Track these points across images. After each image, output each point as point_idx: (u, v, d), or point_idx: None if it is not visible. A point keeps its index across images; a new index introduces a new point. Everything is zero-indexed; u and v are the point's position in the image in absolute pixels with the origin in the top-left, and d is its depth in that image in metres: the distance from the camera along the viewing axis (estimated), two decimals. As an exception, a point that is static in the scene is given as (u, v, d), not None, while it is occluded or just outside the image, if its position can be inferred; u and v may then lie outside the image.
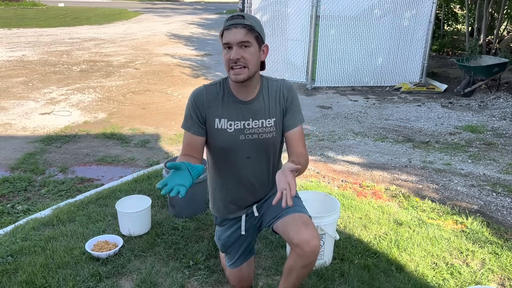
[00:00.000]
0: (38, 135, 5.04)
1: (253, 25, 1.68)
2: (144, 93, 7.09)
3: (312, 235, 1.70)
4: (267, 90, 1.84)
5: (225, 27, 1.68)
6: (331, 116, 6.06)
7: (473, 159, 4.44)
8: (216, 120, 1.80)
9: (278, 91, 1.85)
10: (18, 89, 7.07)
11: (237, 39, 1.65)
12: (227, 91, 1.81)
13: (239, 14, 1.68)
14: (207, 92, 1.81)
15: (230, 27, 1.66)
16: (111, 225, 2.94)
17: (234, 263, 2.13)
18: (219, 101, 1.80)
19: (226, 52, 1.69)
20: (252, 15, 1.81)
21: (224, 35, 1.68)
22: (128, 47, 11.89)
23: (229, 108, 1.80)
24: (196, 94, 1.82)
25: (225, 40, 1.67)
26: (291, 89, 1.88)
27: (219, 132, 1.81)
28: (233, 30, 1.65)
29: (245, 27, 1.65)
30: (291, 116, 1.85)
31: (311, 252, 1.69)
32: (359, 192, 3.58)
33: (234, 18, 1.68)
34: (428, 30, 7.72)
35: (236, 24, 1.65)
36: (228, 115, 1.80)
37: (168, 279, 2.39)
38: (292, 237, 1.72)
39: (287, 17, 7.72)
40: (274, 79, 1.90)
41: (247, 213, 2.00)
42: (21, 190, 3.65)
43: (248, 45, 1.67)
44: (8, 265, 2.48)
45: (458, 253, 2.71)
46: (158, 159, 4.35)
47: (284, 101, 1.85)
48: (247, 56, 1.67)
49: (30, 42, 12.25)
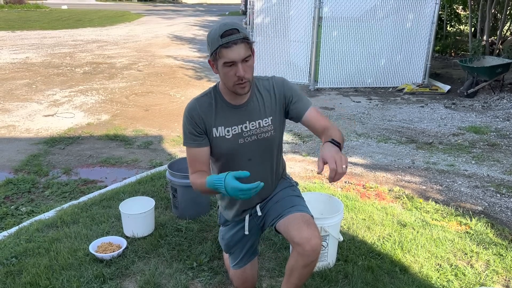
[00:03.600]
0: (42, 137, 5.05)
1: (247, 36, 1.66)
2: (147, 94, 7.11)
3: (313, 233, 1.71)
4: (260, 90, 1.84)
5: (223, 44, 1.61)
6: (334, 117, 6.06)
7: (477, 160, 4.43)
8: (213, 130, 1.81)
9: (270, 89, 1.84)
10: (22, 91, 7.10)
11: (241, 56, 1.62)
12: (220, 98, 1.81)
13: (234, 28, 1.62)
14: (200, 105, 1.80)
15: (230, 44, 1.60)
16: (115, 226, 2.94)
17: (238, 264, 2.13)
18: (213, 111, 1.80)
19: (228, 69, 1.65)
20: (239, 22, 1.78)
21: (224, 53, 1.61)
22: (131, 49, 11.92)
23: (224, 115, 1.81)
24: (190, 109, 1.80)
25: (228, 59, 1.62)
26: (284, 83, 1.86)
27: (219, 140, 1.82)
28: (234, 48, 1.60)
29: (243, 41, 1.62)
30: (297, 105, 1.84)
31: (312, 251, 1.69)
32: (363, 193, 3.57)
33: (230, 33, 1.61)
34: (431, 31, 7.70)
35: (236, 40, 1.60)
36: (225, 122, 1.81)
37: (171, 281, 2.39)
38: (293, 236, 1.73)
39: (289, 18, 7.72)
40: (264, 78, 1.88)
41: (251, 213, 2.01)
42: (25, 192, 3.66)
43: (249, 59, 1.66)
44: (12, 266, 2.49)
45: (462, 255, 2.70)
46: (161, 161, 4.36)
47: (282, 98, 1.84)
48: (249, 70, 1.68)
49: (34, 44, 12.30)
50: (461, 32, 12.82)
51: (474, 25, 10.64)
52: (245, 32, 1.64)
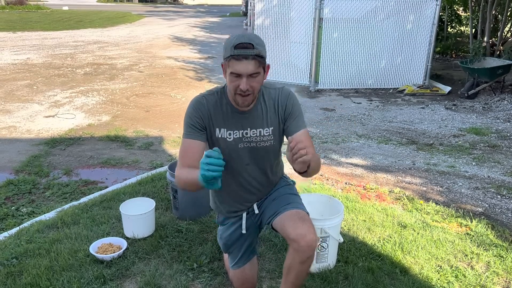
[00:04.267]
0: (43, 137, 5.06)
1: (262, 53, 1.64)
2: (148, 95, 7.11)
3: (308, 229, 1.72)
4: (266, 99, 1.85)
5: (234, 55, 1.61)
6: (334, 119, 6.06)
7: (478, 162, 4.43)
8: (217, 130, 1.82)
9: (276, 100, 1.85)
10: (23, 92, 7.11)
11: (248, 71, 1.63)
12: (226, 101, 1.82)
13: (249, 42, 1.62)
14: (208, 101, 1.81)
15: (240, 57, 1.61)
16: (115, 227, 2.94)
17: (237, 263, 2.14)
18: (219, 111, 1.82)
19: (234, 79, 1.66)
20: (256, 34, 1.76)
21: (232, 64, 1.63)
22: (131, 50, 11.94)
23: (228, 117, 1.82)
24: (197, 102, 1.81)
25: (235, 71, 1.63)
26: (290, 97, 1.85)
27: (219, 141, 1.83)
28: (244, 62, 1.61)
29: (255, 58, 1.62)
30: (292, 122, 1.84)
31: (307, 247, 1.70)
32: (363, 194, 3.57)
33: (244, 46, 1.61)
34: (431, 32, 7.70)
35: (247, 55, 1.61)
36: (228, 125, 1.82)
37: (172, 282, 2.39)
38: (289, 233, 1.75)
39: (290, 19, 7.73)
40: (273, 88, 1.87)
41: (248, 211, 2.02)
42: (25, 193, 3.67)
43: (256, 76, 1.67)
44: (13, 267, 2.49)
45: (462, 256, 2.70)
46: (162, 162, 4.36)
47: (283, 110, 1.84)
48: (255, 85, 1.68)
49: (35, 45, 12.32)
50: (462, 34, 12.81)
51: (475, 26, 10.64)
52: (260, 49, 1.64)
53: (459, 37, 12.41)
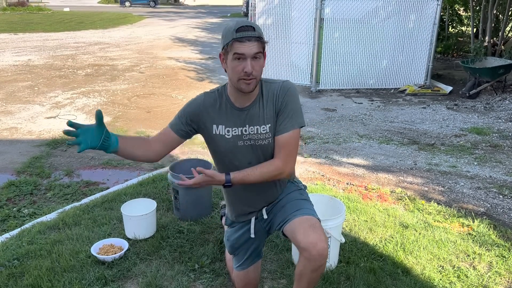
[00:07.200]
0: (44, 138, 5.07)
1: (262, 36, 1.69)
2: (149, 96, 7.12)
3: (319, 238, 1.68)
4: (266, 95, 1.83)
5: (237, 38, 1.65)
6: (335, 119, 6.05)
7: (479, 162, 4.42)
8: (213, 126, 1.82)
9: (275, 94, 1.82)
10: (24, 93, 7.12)
11: (252, 52, 1.65)
12: (225, 98, 1.82)
13: (249, 25, 1.67)
14: (205, 99, 1.84)
15: (243, 39, 1.64)
16: (117, 228, 2.94)
17: (241, 265, 2.13)
18: (216, 108, 1.82)
19: (237, 63, 1.67)
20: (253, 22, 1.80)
21: (236, 46, 1.65)
22: (132, 51, 11.95)
23: (226, 114, 1.82)
24: (195, 98, 1.86)
25: (239, 51, 1.65)
26: (289, 91, 1.81)
27: (218, 138, 1.83)
28: (247, 43, 1.65)
29: (257, 39, 1.66)
30: (282, 121, 1.80)
31: (318, 255, 1.67)
32: (365, 194, 3.57)
33: (245, 29, 1.66)
34: (432, 32, 7.70)
35: (250, 37, 1.65)
36: (226, 122, 1.82)
37: (173, 283, 2.39)
38: (299, 241, 1.70)
39: (291, 20, 7.73)
40: (274, 82, 1.85)
41: (257, 216, 2.00)
42: (27, 194, 3.67)
43: (259, 57, 1.69)
44: (14, 268, 2.49)
45: (464, 256, 2.69)
46: (163, 163, 4.35)
47: (278, 104, 1.81)
48: (258, 68, 1.69)
49: (36, 47, 12.34)
50: (463, 33, 12.81)
51: (476, 26, 10.63)
52: (260, 32, 1.69)
53: (460, 37, 12.41)
